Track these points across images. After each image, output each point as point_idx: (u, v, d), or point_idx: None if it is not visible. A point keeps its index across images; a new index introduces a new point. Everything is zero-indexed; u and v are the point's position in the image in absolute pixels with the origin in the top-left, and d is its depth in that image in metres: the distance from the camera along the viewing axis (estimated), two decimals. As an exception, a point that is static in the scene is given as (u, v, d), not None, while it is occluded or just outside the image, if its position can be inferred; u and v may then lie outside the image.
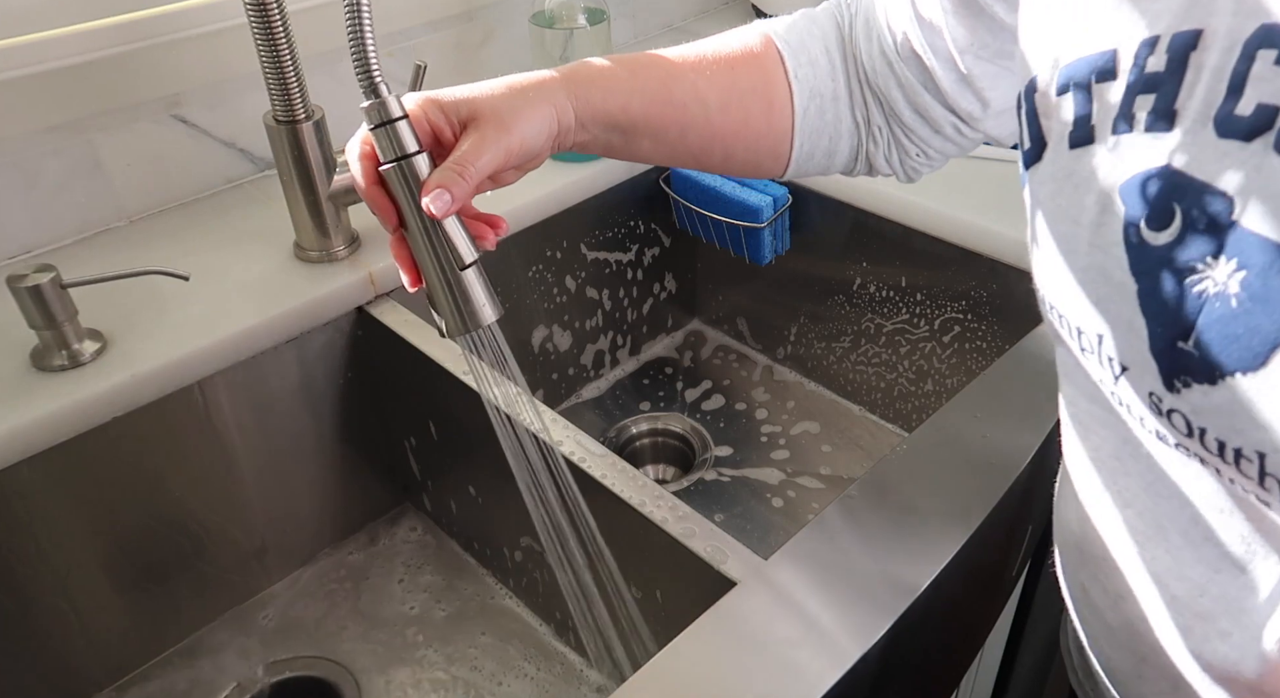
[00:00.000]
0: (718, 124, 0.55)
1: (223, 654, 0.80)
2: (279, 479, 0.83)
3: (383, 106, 0.47)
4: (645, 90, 0.54)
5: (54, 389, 0.68)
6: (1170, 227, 0.33)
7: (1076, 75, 0.36)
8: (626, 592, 0.67)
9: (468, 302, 0.49)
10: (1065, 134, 0.37)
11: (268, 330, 0.75)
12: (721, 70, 0.55)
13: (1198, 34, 0.32)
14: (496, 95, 0.51)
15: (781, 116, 0.55)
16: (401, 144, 0.48)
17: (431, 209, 0.47)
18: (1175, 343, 0.34)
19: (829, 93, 0.55)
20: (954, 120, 0.53)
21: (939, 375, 0.94)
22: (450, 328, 0.50)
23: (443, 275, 0.49)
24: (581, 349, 1.05)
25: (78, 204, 0.83)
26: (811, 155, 0.57)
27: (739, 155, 0.57)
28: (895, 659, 0.53)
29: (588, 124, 0.53)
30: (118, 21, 0.78)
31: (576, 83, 0.53)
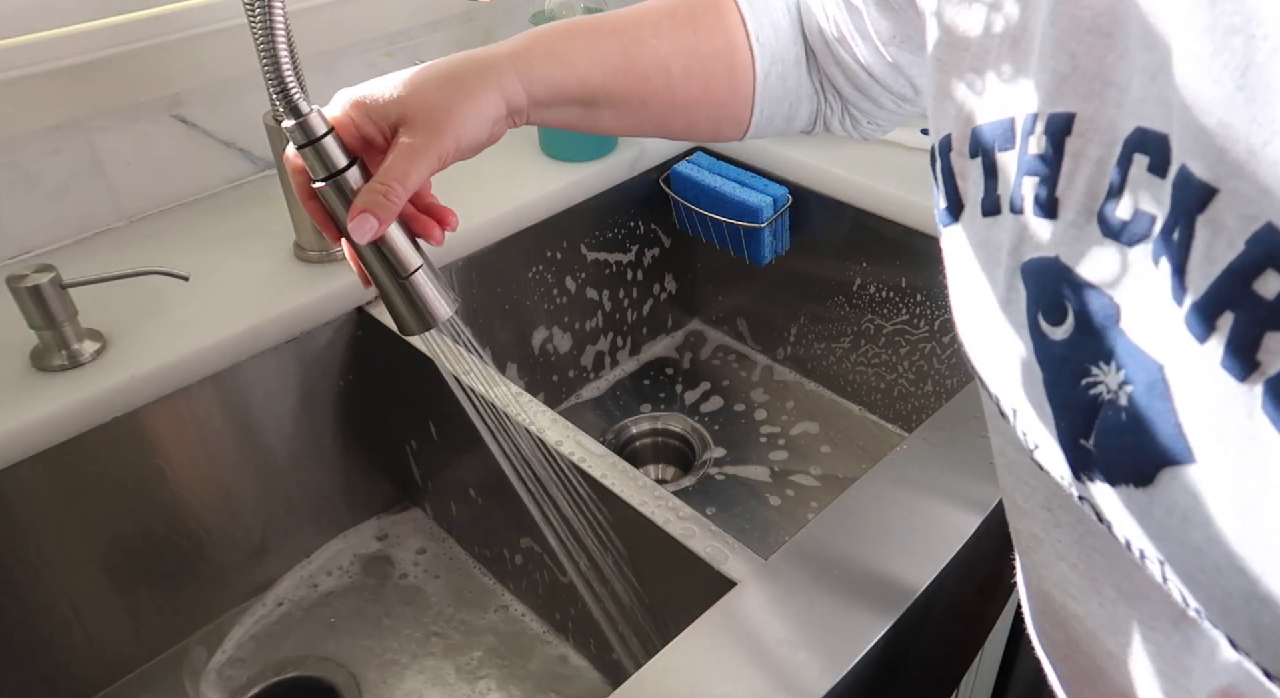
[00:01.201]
0: (680, 93, 0.53)
1: (222, 654, 0.80)
2: (278, 479, 0.83)
3: (305, 126, 0.46)
4: (607, 62, 0.51)
5: (54, 389, 0.68)
6: (1064, 324, 0.32)
7: (984, 140, 0.35)
8: (620, 582, 0.67)
9: (419, 304, 0.49)
10: (979, 199, 0.36)
11: (268, 330, 0.75)
12: (684, 31, 0.52)
13: (1070, 118, 0.31)
14: (430, 91, 0.47)
15: (744, 82, 0.53)
16: (330, 162, 0.46)
17: (356, 238, 0.45)
18: (1077, 439, 0.33)
19: (791, 58, 0.54)
20: (893, 98, 0.53)
21: (939, 376, 0.94)
22: (403, 328, 0.50)
23: (389, 282, 0.49)
24: (582, 350, 1.05)
25: (78, 204, 0.83)
26: (771, 120, 0.56)
27: (701, 123, 0.55)
28: (895, 659, 0.53)
29: (544, 102, 0.50)
30: (118, 21, 0.78)
31: (530, 61, 0.50)
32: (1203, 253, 0.26)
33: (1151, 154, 0.29)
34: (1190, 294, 0.27)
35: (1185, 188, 0.27)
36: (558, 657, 0.79)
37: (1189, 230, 0.27)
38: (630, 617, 0.70)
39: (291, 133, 0.46)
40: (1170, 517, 0.29)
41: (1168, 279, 0.28)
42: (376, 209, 0.45)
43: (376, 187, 0.46)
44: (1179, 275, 0.27)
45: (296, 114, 0.45)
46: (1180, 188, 0.27)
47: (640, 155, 0.98)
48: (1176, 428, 0.28)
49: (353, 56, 0.94)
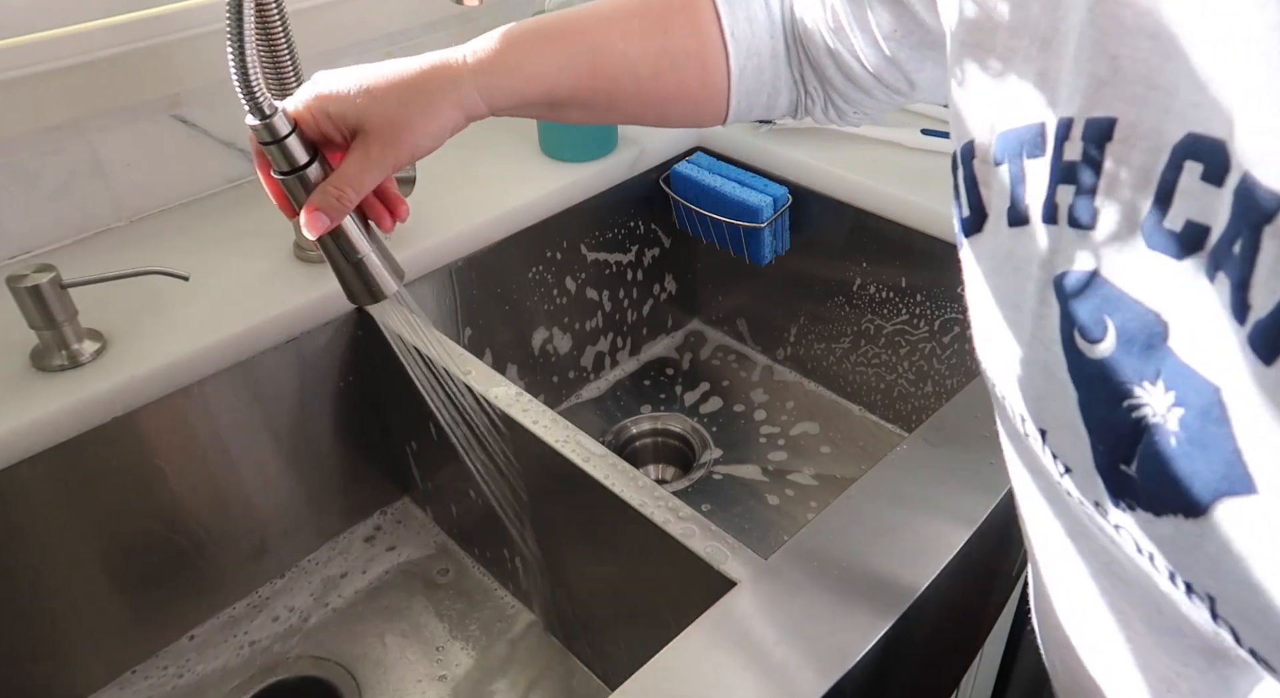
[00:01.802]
0: (649, 91, 0.53)
1: (222, 654, 0.80)
2: (278, 479, 0.83)
3: (270, 127, 0.48)
4: (571, 67, 0.52)
5: (54, 389, 0.68)
6: (1104, 340, 0.30)
7: (1010, 147, 0.33)
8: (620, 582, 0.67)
9: (366, 281, 0.54)
10: (1004, 210, 0.34)
11: (268, 330, 0.75)
12: (654, 32, 0.52)
13: (1111, 123, 0.29)
14: (390, 103, 0.49)
15: (717, 76, 0.53)
16: (291, 158, 0.50)
17: (308, 233, 0.49)
18: (1117, 464, 0.31)
19: (767, 51, 0.53)
20: (885, 89, 0.52)
21: (939, 376, 0.94)
22: (351, 299, 0.54)
23: (340, 261, 0.53)
24: (582, 351, 1.05)
25: (78, 204, 0.83)
26: (750, 109, 0.56)
27: (674, 116, 0.56)
28: (895, 660, 0.53)
29: (505, 108, 0.52)
30: (118, 21, 0.78)
31: (493, 74, 0.50)
32: (1270, 267, 0.25)
33: (1206, 161, 0.27)
34: (1255, 311, 0.25)
35: (1249, 197, 0.25)
36: (557, 657, 0.79)
37: (1254, 243, 0.25)
38: (630, 617, 0.70)
39: (256, 130, 0.49)
40: (1225, 551, 0.27)
41: (1226, 295, 0.26)
42: (329, 210, 0.49)
43: (330, 189, 0.49)
44: (1241, 291, 0.25)
45: (261, 115, 0.48)
46: (1243, 197, 0.25)
47: (640, 155, 0.98)
48: (1235, 455, 0.26)
49: (353, 56, 0.94)
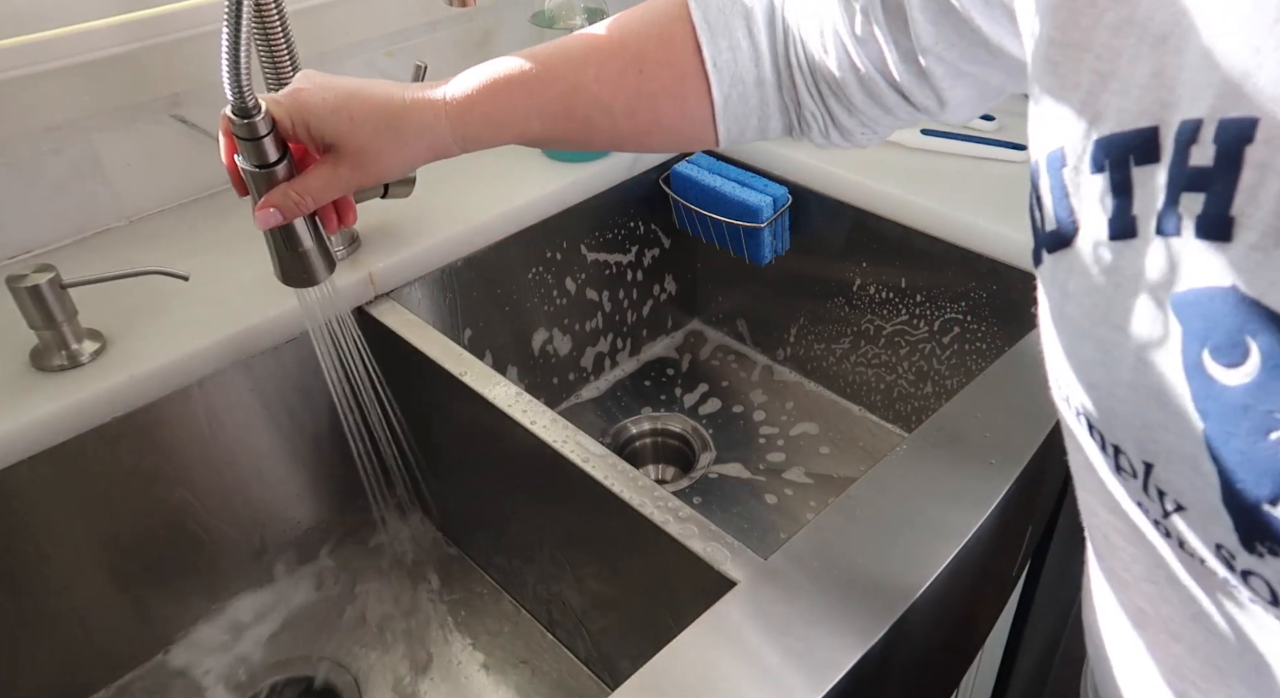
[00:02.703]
0: (625, 128, 0.54)
1: (222, 654, 0.80)
2: (278, 479, 0.83)
3: (251, 126, 0.51)
4: (544, 112, 0.53)
5: (54, 389, 0.68)
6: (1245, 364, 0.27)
7: (1113, 153, 0.30)
8: (620, 582, 0.67)
9: (300, 269, 0.58)
10: (1104, 221, 0.30)
11: (268, 330, 0.75)
12: (629, 74, 0.52)
13: (1253, 124, 0.26)
14: (366, 131, 0.52)
15: (698, 109, 0.53)
16: (262, 156, 0.52)
17: (258, 224, 0.53)
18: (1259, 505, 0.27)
19: (752, 79, 0.52)
20: (909, 107, 0.51)
21: (939, 376, 0.93)
22: (287, 280, 0.59)
23: (280, 249, 0.57)
24: (582, 352, 1.05)
25: (78, 204, 0.83)
26: (742, 133, 0.55)
27: (656, 147, 0.57)
28: (895, 660, 0.53)
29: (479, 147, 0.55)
30: (118, 21, 0.77)
31: (465, 121, 0.53)
32: None
33: None
34: None
35: None
36: (557, 657, 0.79)
37: None
38: (630, 617, 0.70)
39: (236, 126, 0.51)
40: None
41: None
42: (284, 209, 0.53)
43: (291, 193, 0.53)
44: None
45: (245, 114, 0.50)
46: None
47: (640, 156, 0.98)
48: None
49: (353, 56, 0.94)
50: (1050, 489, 0.79)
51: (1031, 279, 0.78)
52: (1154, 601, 0.35)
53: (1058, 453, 0.50)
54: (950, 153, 0.91)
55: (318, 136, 0.52)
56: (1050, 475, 0.75)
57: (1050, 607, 0.94)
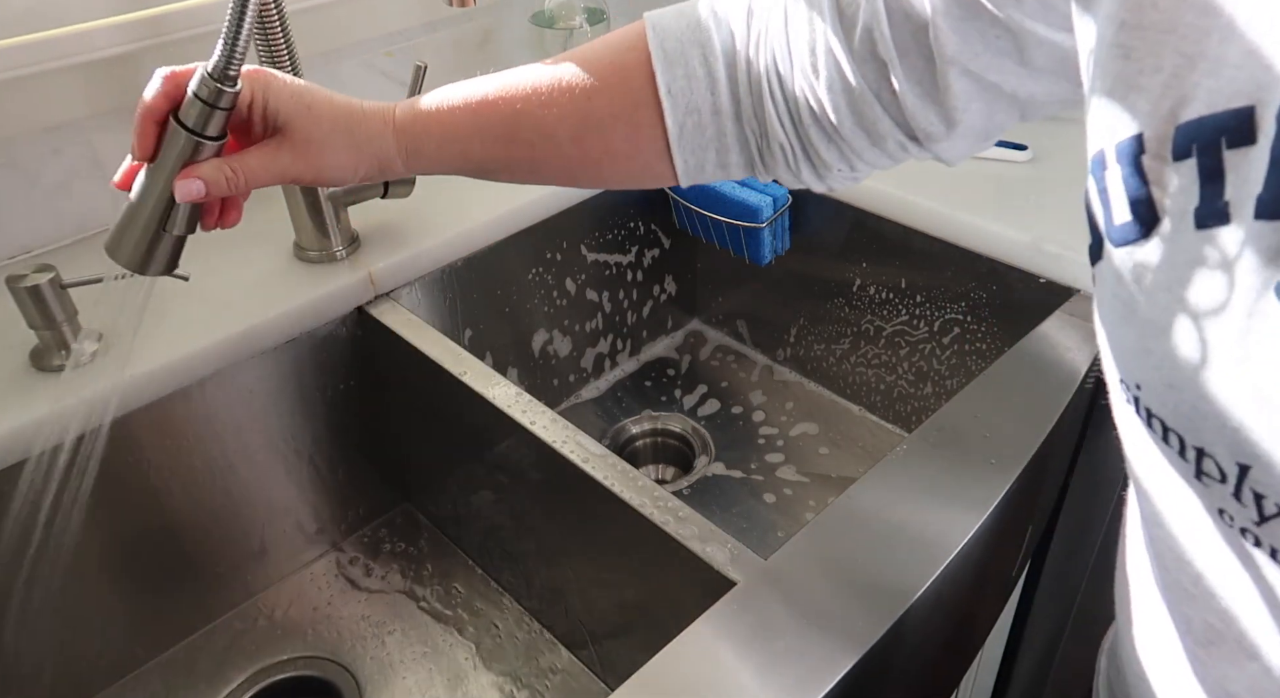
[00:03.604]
0: (572, 155, 0.53)
1: (223, 654, 0.80)
2: (278, 480, 0.83)
3: (219, 93, 0.49)
4: (486, 132, 0.53)
5: (54, 389, 0.68)
6: None
7: (1201, 137, 0.28)
8: (619, 582, 0.67)
9: (147, 253, 0.53)
10: (1189, 209, 0.29)
11: (268, 330, 0.75)
12: (576, 100, 0.51)
13: None
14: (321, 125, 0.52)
15: (651, 137, 0.51)
16: (209, 124, 0.50)
17: (177, 193, 0.50)
18: None
19: (708, 107, 0.50)
20: (901, 138, 0.47)
21: (939, 377, 0.94)
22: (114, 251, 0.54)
23: (147, 221, 0.52)
24: (582, 353, 1.05)
25: (78, 204, 0.83)
26: (702, 167, 0.53)
27: (610, 178, 0.55)
28: (895, 660, 0.53)
29: (425, 168, 0.54)
30: (118, 21, 0.78)
31: (410, 134, 0.53)
32: None
33: None
34: None
35: None
36: (557, 657, 0.79)
37: None
38: (629, 618, 0.70)
39: (206, 86, 0.49)
40: None
41: None
42: (212, 184, 0.50)
43: (226, 170, 0.50)
44: None
45: (226, 81, 0.49)
46: None
47: (640, 156, 0.98)
48: None
49: (353, 56, 0.94)
50: (1050, 489, 0.79)
51: (1032, 279, 0.78)
52: (1226, 617, 0.34)
53: (1058, 453, 0.50)
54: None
55: (271, 115, 0.51)
56: (1050, 475, 0.75)
57: (1050, 607, 0.94)
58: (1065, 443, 0.76)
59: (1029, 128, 0.52)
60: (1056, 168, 0.88)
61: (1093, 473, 0.82)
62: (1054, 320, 0.73)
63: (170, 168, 0.50)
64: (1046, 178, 0.87)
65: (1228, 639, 0.34)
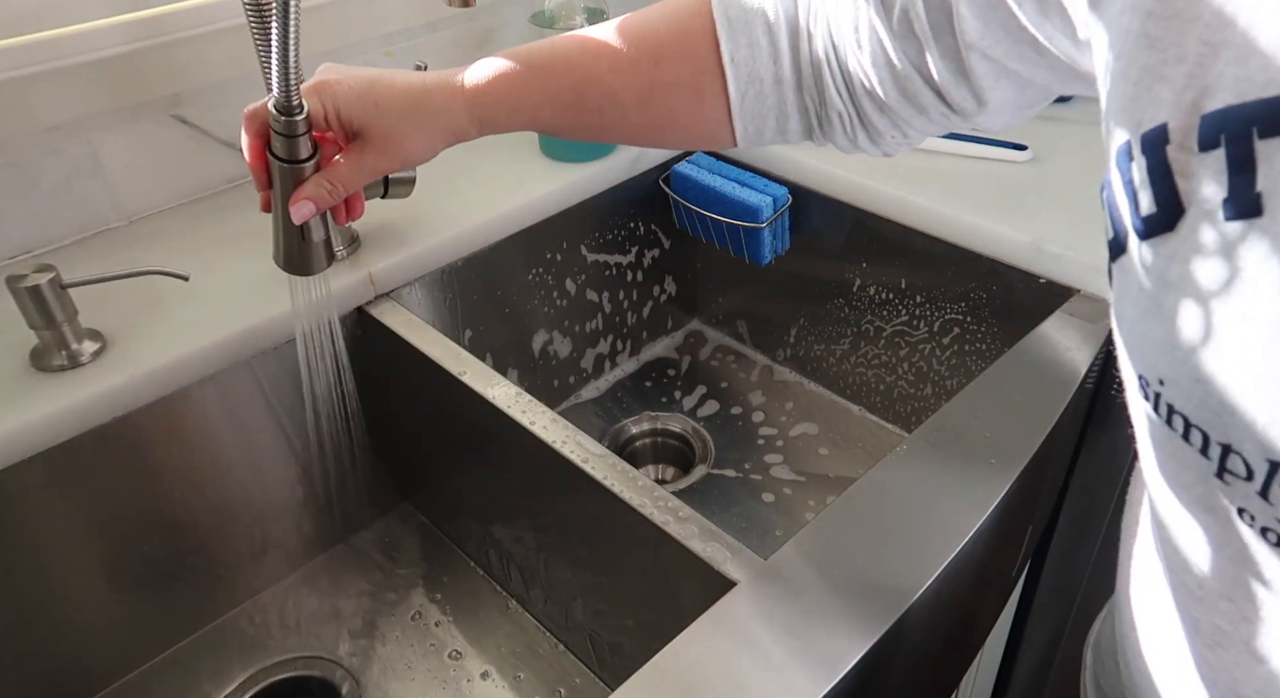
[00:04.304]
0: (638, 121, 0.55)
1: (223, 655, 0.80)
2: (278, 480, 0.83)
3: (291, 124, 0.53)
4: (557, 99, 0.55)
5: (54, 389, 0.68)
6: None
7: (1230, 126, 0.28)
8: (619, 582, 0.67)
9: (305, 258, 0.60)
10: (1218, 201, 0.28)
11: (268, 330, 0.75)
12: (643, 66, 0.53)
13: None
14: (393, 117, 0.54)
15: (714, 105, 0.53)
16: (296, 151, 0.55)
17: (294, 217, 0.55)
18: None
19: (770, 77, 0.52)
20: (944, 109, 0.49)
21: (939, 377, 0.94)
22: (283, 263, 0.61)
23: (291, 236, 0.59)
24: (582, 353, 1.05)
25: (78, 204, 0.83)
26: (761, 133, 0.55)
27: (672, 142, 0.57)
28: (895, 660, 0.53)
29: (496, 131, 0.57)
30: (118, 21, 0.78)
31: (482, 103, 0.55)
32: None
33: None
34: None
35: None
36: (557, 657, 0.79)
37: None
38: (629, 618, 0.70)
39: (277, 121, 0.53)
40: None
41: None
42: (318, 200, 0.55)
43: (324, 183, 0.55)
44: None
45: (289, 112, 0.54)
46: None
47: (640, 155, 0.98)
48: None
49: (353, 56, 0.94)
50: (1050, 489, 0.79)
51: (1032, 279, 0.78)
52: (1233, 619, 0.34)
53: (1058, 453, 0.50)
54: (950, 153, 0.91)
55: (346, 123, 0.55)
56: (1050, 475, 0.75)
57: (1050, 607, 0.94)
58: (1065, 443, 0.76)
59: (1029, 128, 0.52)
60: (1056, 168, 0.88)
61: (1093, 473, 0.82)
62: (1054, 320, 0.73)
63: (285, 193, 0.56)
64: (1046, 178, 0.87)
65: (1236, 641, 0.34)
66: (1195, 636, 0.37)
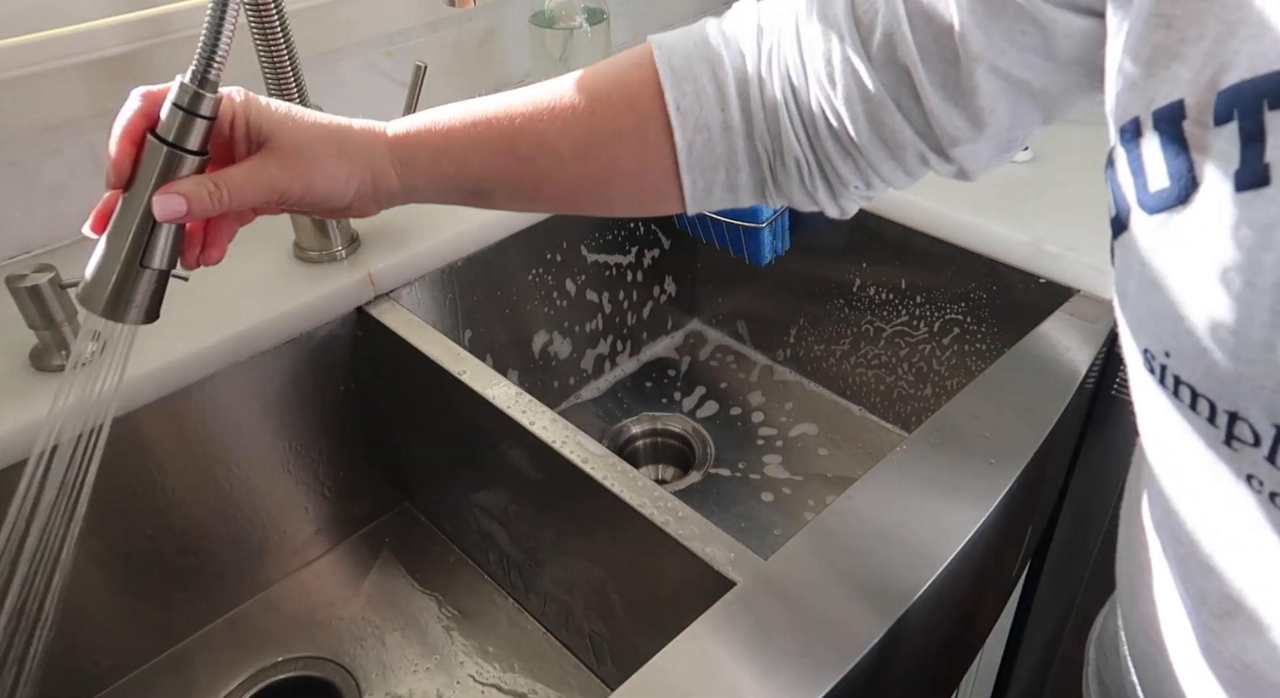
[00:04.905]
0: (574, 172, 0.51)
1: (222, 655, 0.80)
2: (278, 480, 0.83)
3: (197, 99, 0.45)
4: (483, 146, 0.50)
5: (53, 389, 0.67)
6: None
7: (1243, 101, 0.29)
8: (619, 583, 0.67)
9: (122, 294, 0.48)
10: (1229, 173, 0.29)
11: (267, 330, 0.75)
12: (578, 115, 0.50)
13: None
14: (307, 136, 0.48)
15: (659, 155, 0.50)
16: (186, 136, 0.46)
17: (156, 210, 0.45)
18: None
19: (718, 124, 0.49)
20: (921, 147, 0.46)
21: (938, 377, 0.94)
22: (87, 298, 0.48)
23: (123, 257, 0.47)
24: (582, 354, 1.05)
25: (78, 204, 0.83)
26: (709, 189, 0.51)
27: (615, 199, 0.52)
28: (895, 660, 0.53)
29: (421, 186, 0.51)
30: (118, 21, 0.77)
31: (404, 146, 0.51)
32: None
33: None
34: None
35: None
36: (557, 657, 0.79)
37: None
38: (629, 618, 0.70)
39: (183, 91, 0.45)
40: None
41: None
42: (194, 200, 0.46)
43: (208, 184, 0.46)
44: None
45: (204, 87, 0.45)
46: None
47: (640, 156, 0.98)
48: None
49: (353, 56, 0.94)
50: (1050, 489, 0.79)
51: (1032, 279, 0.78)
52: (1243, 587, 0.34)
53: (1058, 453, 0.50)
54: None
55: (254, 130, 0.48)
56: (1050, 475, 0.75)
57: (1050, 607, 0.94)
58: (1065, 443, 0.76)
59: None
60: (1056, 168, 0.88)
61: (1093, 473, 0.82)
62: (1054, 320, 0.73)
63: (148, 190, 0.46)
64: (1046, 178, 0.87)
65: (1244, 609, 0.34)
66: (1201, 607, 0.37)
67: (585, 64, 0.52)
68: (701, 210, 0.53)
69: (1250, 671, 0.36)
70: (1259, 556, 0.33)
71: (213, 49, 0.45)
